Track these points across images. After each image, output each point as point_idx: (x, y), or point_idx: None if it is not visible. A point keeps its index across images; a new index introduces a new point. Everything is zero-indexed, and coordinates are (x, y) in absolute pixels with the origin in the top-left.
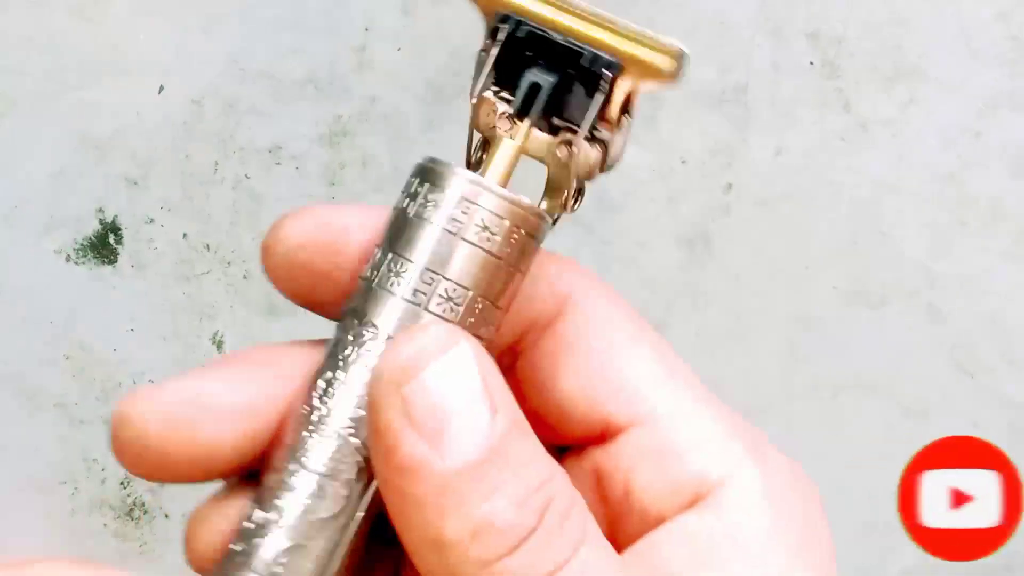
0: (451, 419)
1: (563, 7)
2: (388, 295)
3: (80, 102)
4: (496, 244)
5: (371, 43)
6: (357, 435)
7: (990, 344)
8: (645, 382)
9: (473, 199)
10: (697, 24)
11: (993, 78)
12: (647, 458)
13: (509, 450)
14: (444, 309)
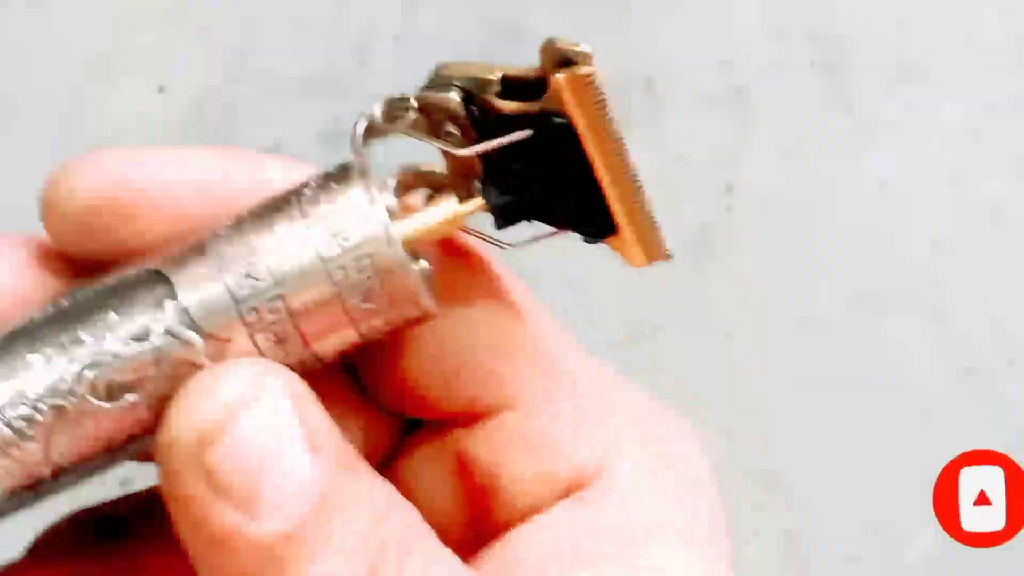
0: (266, 476)
1: (620, 156)
2: (210, 271)
3: (80, 102)
4: (359, 304)
5: (371, 43)
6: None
7: (992, 345)
8: (517, 364)
9: (373, 248)
10: (698, 24)
11: (995, 78)
12: (518, 445)
13: (334, 496)
14: (258, 326)
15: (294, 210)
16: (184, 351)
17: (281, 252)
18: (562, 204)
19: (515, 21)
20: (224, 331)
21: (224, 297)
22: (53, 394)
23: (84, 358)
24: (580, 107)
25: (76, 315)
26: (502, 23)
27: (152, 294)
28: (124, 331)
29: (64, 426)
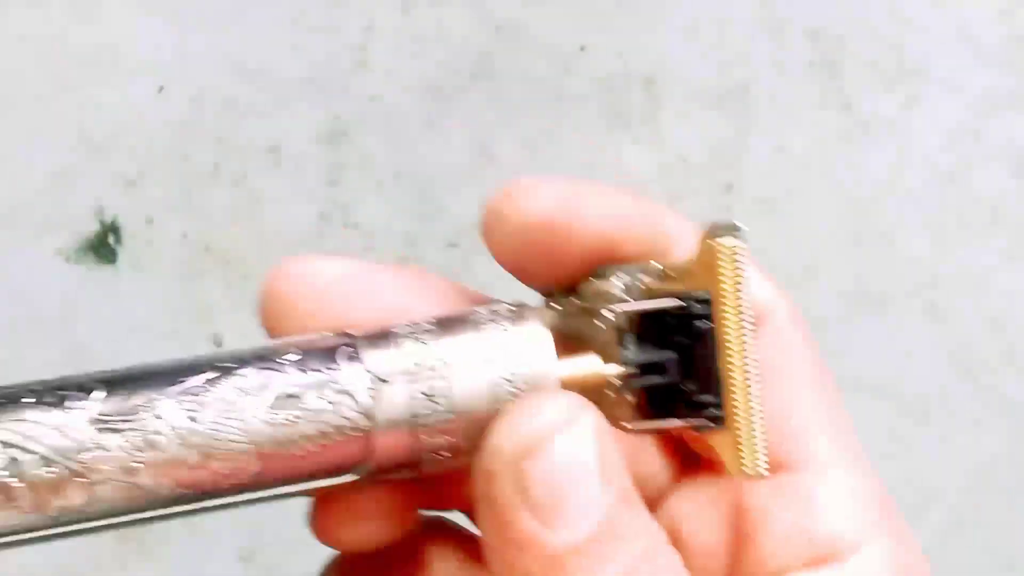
0: (567, 496)
1: (744, 339)
2: (401, 370)
3: (80, 102)
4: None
5: (371, 43)
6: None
7: (991, 344)
8: (805, 430)
9: (536, 383)
10: (698, 23)
11: (994, 77)
12: (788, 505)
13: (617, 524)
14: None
15: (476, 329)
16: (345, 413)
17: (463, 369)
18: (685, 385)
19: (515, 21)
20: (388, 408)
21: (404, 405)
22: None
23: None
24: (724, 272)
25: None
26: (502, 23)
27: (340, 353)
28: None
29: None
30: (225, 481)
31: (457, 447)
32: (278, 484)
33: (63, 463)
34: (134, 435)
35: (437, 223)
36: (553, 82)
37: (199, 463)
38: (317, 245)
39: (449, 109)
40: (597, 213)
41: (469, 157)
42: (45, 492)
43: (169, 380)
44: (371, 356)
